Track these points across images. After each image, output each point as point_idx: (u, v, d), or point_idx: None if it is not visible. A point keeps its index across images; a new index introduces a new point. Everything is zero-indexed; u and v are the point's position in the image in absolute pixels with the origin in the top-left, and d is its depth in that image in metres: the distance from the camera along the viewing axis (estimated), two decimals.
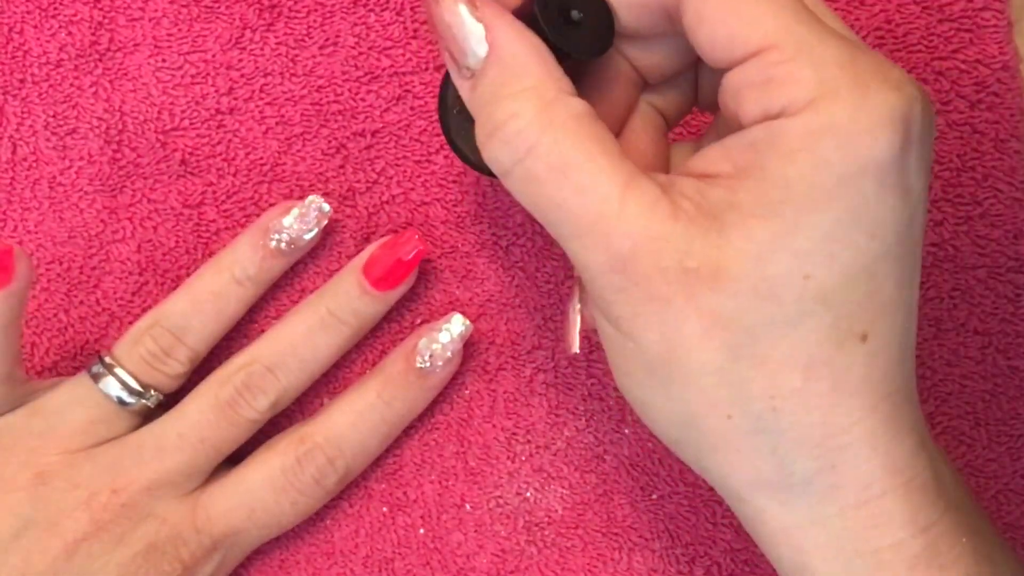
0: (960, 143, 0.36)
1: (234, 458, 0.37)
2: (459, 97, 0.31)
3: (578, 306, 0.30)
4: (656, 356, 0.25)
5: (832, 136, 0.23)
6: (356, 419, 0.37)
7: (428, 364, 0.37)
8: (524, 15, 0.26)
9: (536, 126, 0.25)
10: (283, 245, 0.37)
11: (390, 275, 0.37)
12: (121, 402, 0.36)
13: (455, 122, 0.32)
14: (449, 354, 0.37)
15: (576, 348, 0.32)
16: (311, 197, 0.38)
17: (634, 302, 0.24)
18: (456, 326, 0.37)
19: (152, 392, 0.36)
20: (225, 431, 0.36)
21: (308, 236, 0.37)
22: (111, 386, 0.36)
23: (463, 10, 0.26)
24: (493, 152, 0.25)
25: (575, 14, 0.26)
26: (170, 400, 0.37)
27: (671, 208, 0.24)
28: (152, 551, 0.35)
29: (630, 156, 0.28)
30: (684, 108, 0.30)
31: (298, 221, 0.37)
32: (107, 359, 0.36)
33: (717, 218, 0.24)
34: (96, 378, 0.36)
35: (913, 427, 0.25)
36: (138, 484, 0.35)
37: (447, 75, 0.32)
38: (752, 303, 0.23)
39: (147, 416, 0.37)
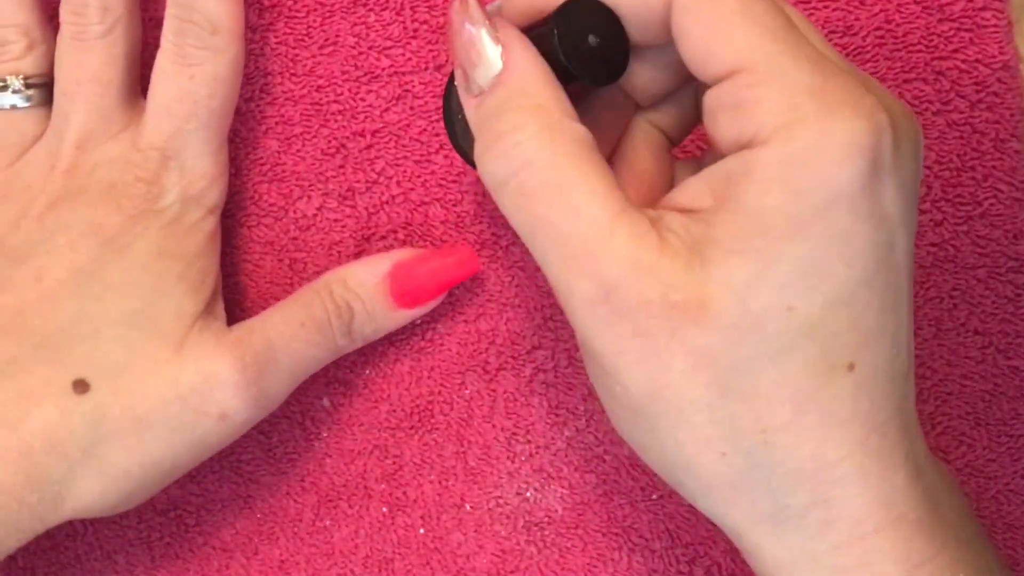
0: (960, 143, 0.36)
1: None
2: None
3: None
4: (642, 395, 0.24)
5: (803, 165, 0.23)
6: None
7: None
8: (538, 36, 0.26)
9: (536, 142, 0.25)
10: None
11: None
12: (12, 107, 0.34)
13: (460, 125, 0.32)
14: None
15: None
16: None
17: (618, 337, 0.24)
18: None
19: (10, 79, 0.34)
20: (98, 57, 0.34)
21: None
22: None
23: (484, 31, 0.26)
24: (490, 164, 0.25)
25: (592, 40, 0.25)
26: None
27: (658, 240, 0.24)
28: (111, 189, 0.34)
29: (631, 174, 0.28)
30: (687, 125, 0.30)
31: None
32: None
33: (699, 253, 0.24)
34: None
35: (907, 458, 0.25)
36: (69, 149, 0.34)
37: (451, 78, 0.32)
38: (736, 338, 0.23)
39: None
